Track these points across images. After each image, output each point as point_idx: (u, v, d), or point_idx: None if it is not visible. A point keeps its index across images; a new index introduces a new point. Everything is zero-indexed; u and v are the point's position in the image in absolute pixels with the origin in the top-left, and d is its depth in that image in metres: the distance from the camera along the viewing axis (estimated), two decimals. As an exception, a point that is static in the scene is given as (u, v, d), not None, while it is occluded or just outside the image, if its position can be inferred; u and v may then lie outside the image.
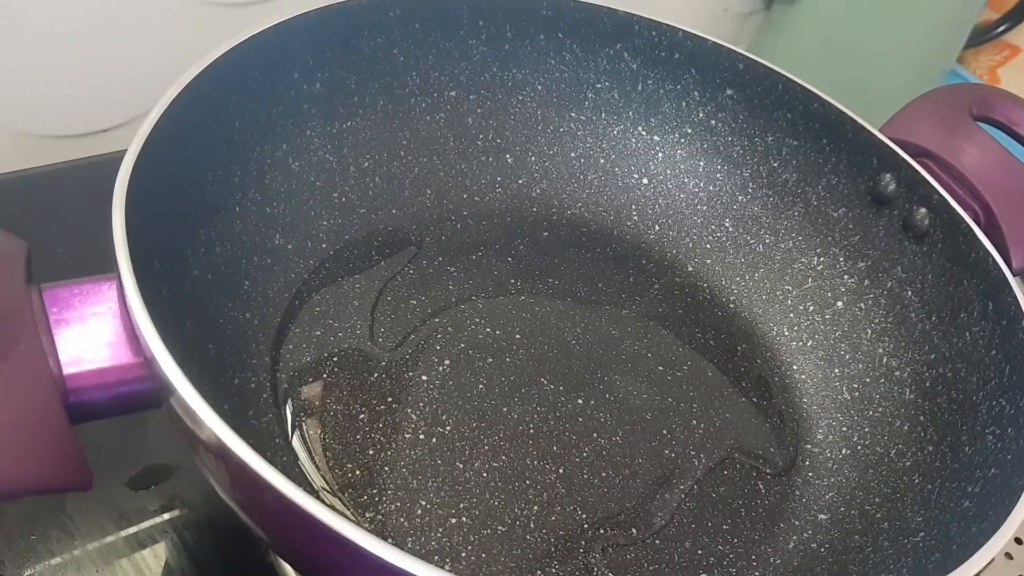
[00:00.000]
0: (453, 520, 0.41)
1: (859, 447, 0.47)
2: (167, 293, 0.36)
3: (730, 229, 0.56)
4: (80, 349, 0.32)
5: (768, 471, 0.46)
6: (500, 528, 0.41)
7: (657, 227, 0.57)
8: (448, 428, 0.44)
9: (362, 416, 0.43)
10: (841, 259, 0.53)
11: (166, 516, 0.43)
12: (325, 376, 0.44)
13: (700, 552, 0.42)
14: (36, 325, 0.31)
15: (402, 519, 0.40)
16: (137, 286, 0.31)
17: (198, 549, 0.42)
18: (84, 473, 0.31)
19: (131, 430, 0.46)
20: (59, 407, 0.30)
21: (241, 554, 0.43)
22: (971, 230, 0.47)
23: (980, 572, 0.32)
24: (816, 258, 0.53)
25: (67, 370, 0.31)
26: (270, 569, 0.42)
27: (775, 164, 0.55)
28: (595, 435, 0.45)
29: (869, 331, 0.50)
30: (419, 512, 0.40)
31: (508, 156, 0.56)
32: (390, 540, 0.38)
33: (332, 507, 0.36)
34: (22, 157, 0.56)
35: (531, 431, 0.44)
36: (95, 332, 0.32)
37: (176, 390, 0.29)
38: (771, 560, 0.42)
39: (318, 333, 0.46)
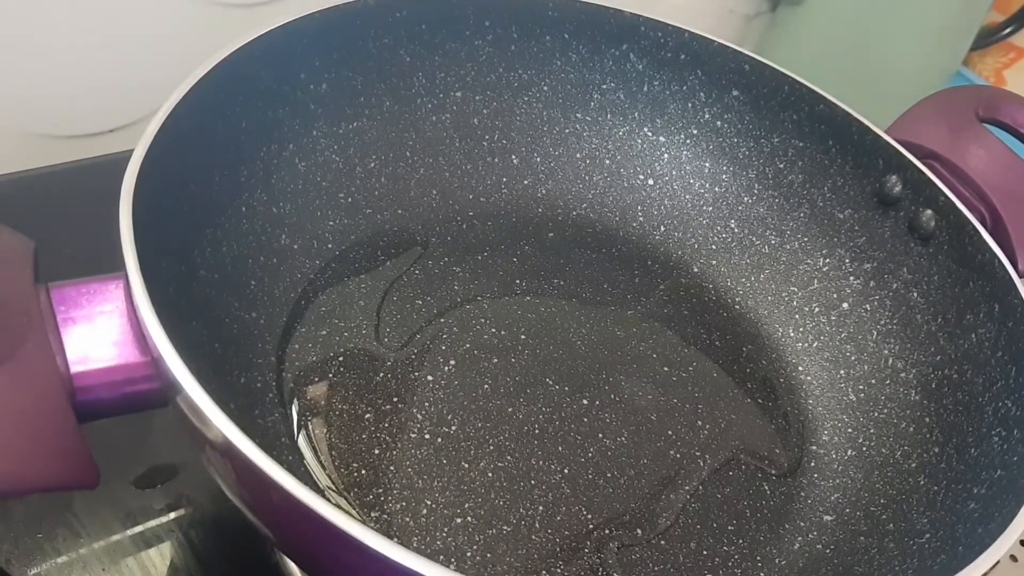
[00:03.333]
0: (458, 520, 0.41)
1: (864, 448, 0.47)
2: (174, 292, 0.36)
3: (736, 230, 0.56)
4: (87, 348, 0.32)
5: (773, 472, 0.46)
6: (505, 528, 0.41)
7: (662, 228, 0.57)
8: (453, 428, 0.44)
9: (368, 416, 0.43)
10: (847, 260, 0.53)
11: (172, 515, 0.43)
12: (331, 376, 0.45)
13: (705, 553, 0.42)
14: (44, 324, 0.31)
15: (407, 518, 0.40)
16: (144, 285, 0.31)
17: (203, 548, 0.42)
18: (91, 471, 0.31)
19: (138, 429, 0.46)
20: (66, 405, 0.30)
21: (247, 553, 0.43)
22: (977, 232, 0.47)
23: (986, 574, 0.32)
24: (822, 259, 0.53)
25: (74, 368, 0.32)
26: (275, 568, 0.42)
27: (781, 165, 0.55)
28: (600, 435, 0.45)
29: (875, 332, 0.50)
30: (424, 512, 0.41)
31: (514, 157, 0.56)
32: (395, 539, 0.38)
33: (338, 506, 0.36)
34: (30, 157, 0.56)
35: (536, 431, 0.44)
36: (102, 331, 0.32)
37: (183, 389, 0.29)
38: (776, 561, 0.42)
39: (324, 333, 0.46)
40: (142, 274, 0.31)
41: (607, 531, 0.42)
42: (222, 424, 0.28)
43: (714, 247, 0.56)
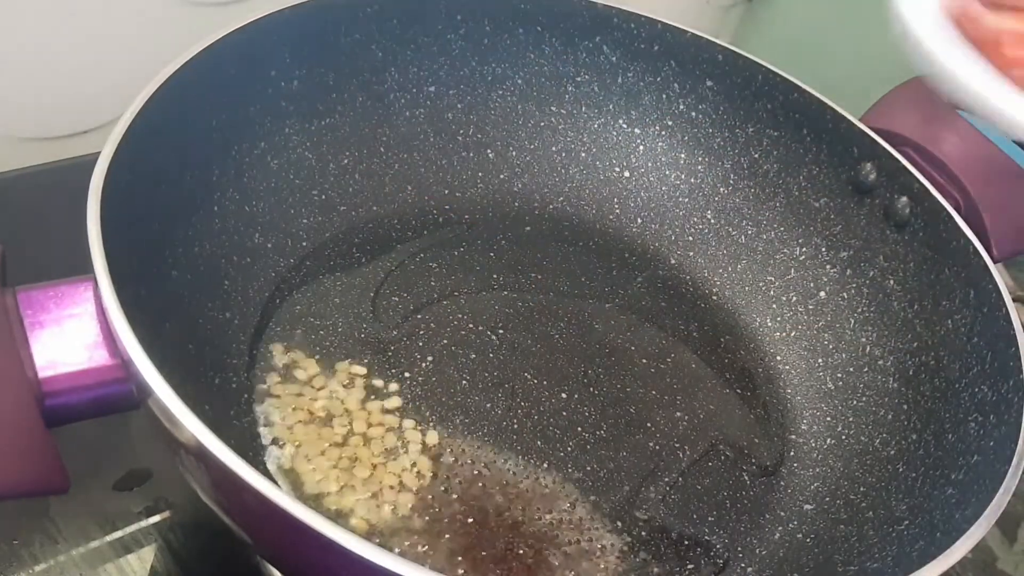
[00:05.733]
0: (439, 518, 0.40)
1: (843, 437, 0.47)
2: (145, 294, 0.36)
3: (712, 221, 0.56)
4: (56, 352, 0.32)
5: (753, 462, 0.46)
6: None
7: (639, 220, 0.57)
8: (431, 424, 0.43)
9: (345, 414, 0.43)
10: (823, 249, 0.53)
11: (151, 519, 0.42)
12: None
13: (686, 544, 0.42)
14: (11, 328, 0.31)
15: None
16: (113, 287, 0.30)
17: (184, 551, 0.42)
18: (61, 476, 0.31)
19: (115, 432, 0.45)
20: (34, 410, 0.30)
21: (227, 556, 0.42)
22: (952, 218, 0.47)
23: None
24: (798, 248, 0.54)
25: (43, 373, 0.31)
26: (256, 571, 0.42)
27: (756, 155, 0.55)
28: (579, 429, 0.45)
29: (852, 320, 0.51)
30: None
31: (489, 151, 0.56)
32: (375, 540, 0.38)
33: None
34: (1, 159, 0.55)
35: (515, 426, 0.44)
36: (71, 334, 0.32)
37: (154, 392, 0.28)
38: (757, 551, 0.42)
39: (299, 332, 0.45)
40: (111, 276, 0.31)
41: (587, 525, 0.41)
42: (194, 427, 0.28)
43: (691, 238, 0.56)
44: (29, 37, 0.55)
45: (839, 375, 0.49)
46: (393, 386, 0.45)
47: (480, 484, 0.42)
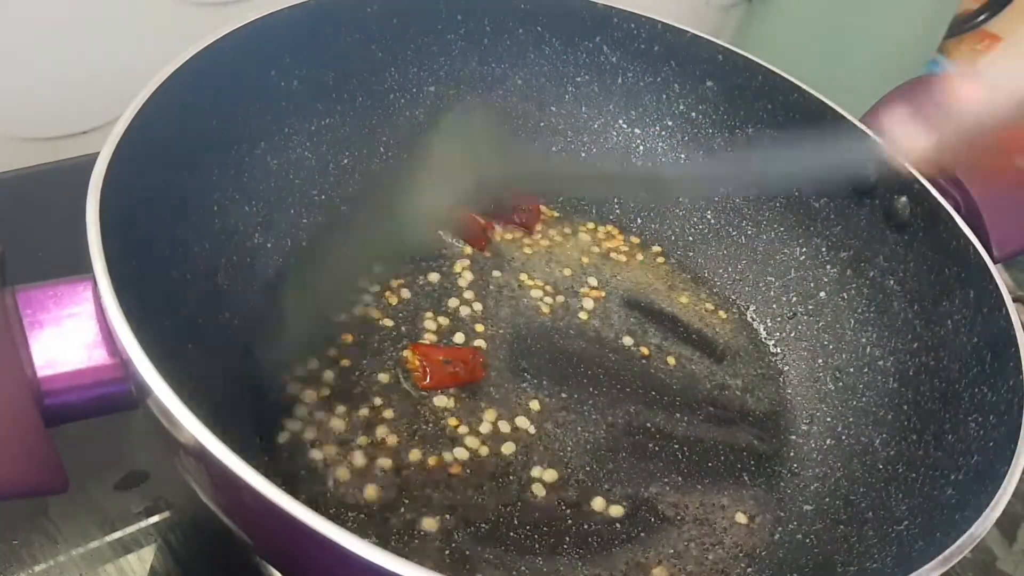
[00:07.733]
0: (436, 518, 0.40)
1: (843, 437, 0.47)
2: (144, 293, 0.35)
3: (712, 221, 0.56)
4: (55, 351, 0.31)
5: (752, 463, 0.46)
6: (484, 526, 0.40)
7: (639, 220, 0.57)
8: (431, 424, 0.43)
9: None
10: (823, 249, 0.53)
11: (151, 520, 0.42)
12: (306, 375, 0.44)
13: (686, 544, 0.42)
14: (10, 328, 0.31)
15: (388, 514, 0.40)
16: (112, 287, 0.30)
17: (184, 551, 0.42)
18: (60, 476, 0.31)
19: (115, 432, 0.45)
20: (33, 410, 0.30)
21: (227, 556, 0.42)
22: (951, 218, 0.47)
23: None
24: (798, 248, 0.54)
25: (41, 373, 0.31)
26: (256, 571, 0.42)
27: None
28: (579, 429, 0.45)
29: (852, 321, 0.51)
30: (402, 509, 0.40)
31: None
32: (372, 539, 0.38)
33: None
34: (1, 159, 0.55)
35: (515, 426, 0.44)
36: (70, 334, 0.32)
37: (153, 391, 0.28)
38: (757, 551, 0.42)
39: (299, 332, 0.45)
40: (110, 275, 0.31)
41: (587, 526, 0.41)
42: (193, 427, 0.28)
43: (691, 238, 0.56)
44: (29, 37, 0.55)
45: (839, 375, 0.49)
46: (389, 383, 0.45)
47: (477, 485, 0.42)
